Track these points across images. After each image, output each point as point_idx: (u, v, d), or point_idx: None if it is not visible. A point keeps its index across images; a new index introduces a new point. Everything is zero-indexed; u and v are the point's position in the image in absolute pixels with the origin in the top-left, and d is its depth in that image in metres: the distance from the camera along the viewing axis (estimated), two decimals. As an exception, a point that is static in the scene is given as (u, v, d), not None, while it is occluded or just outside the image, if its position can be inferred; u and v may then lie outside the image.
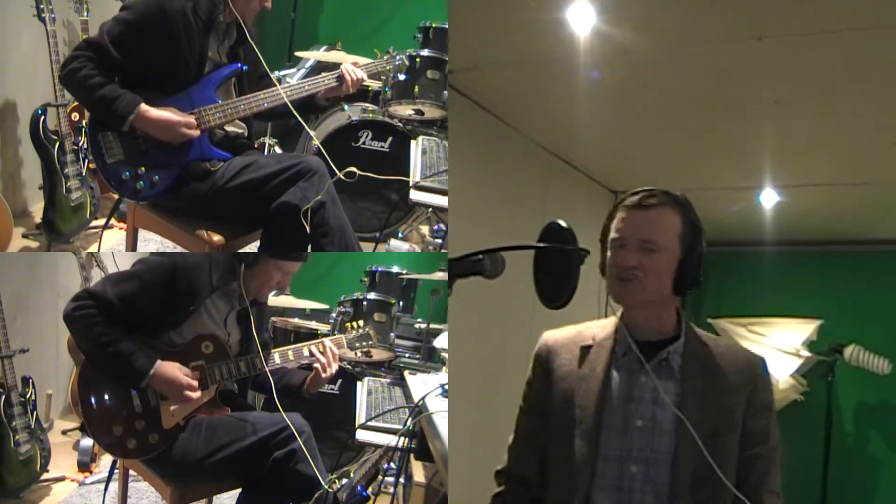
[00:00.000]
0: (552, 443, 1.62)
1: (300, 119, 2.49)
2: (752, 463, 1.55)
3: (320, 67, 3.77)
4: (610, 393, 1.57)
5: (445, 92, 3.44)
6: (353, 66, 2.55)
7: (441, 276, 3.60)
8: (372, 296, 3.64)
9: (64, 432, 3.75)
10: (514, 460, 1.72)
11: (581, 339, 1.66)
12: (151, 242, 3.30)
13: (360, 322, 2.75)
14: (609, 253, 1.59)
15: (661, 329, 1.60)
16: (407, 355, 3.60)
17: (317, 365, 2.50)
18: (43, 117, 3.18)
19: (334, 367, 2.53)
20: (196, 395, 2.29)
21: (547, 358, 1.68)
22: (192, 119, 2.31)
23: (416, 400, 2.63)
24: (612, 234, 1.59)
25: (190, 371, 2.29)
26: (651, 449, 1.53)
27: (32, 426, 3.12)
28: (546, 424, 1.64)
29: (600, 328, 1.67)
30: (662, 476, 1.51)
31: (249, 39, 2.47)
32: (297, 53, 4.01)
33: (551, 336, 1.71)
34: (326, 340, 2.56)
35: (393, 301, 3.64)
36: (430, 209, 3.33)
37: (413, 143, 3.35)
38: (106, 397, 2.28)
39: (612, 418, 1.56)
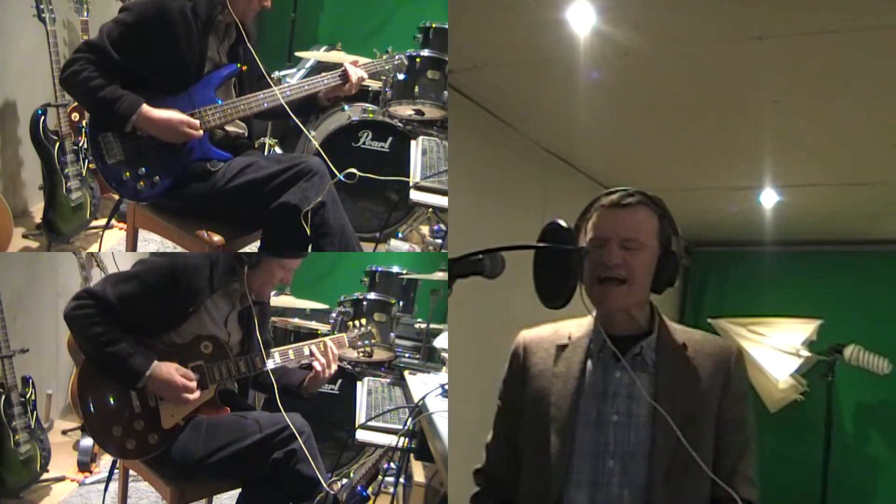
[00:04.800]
0: (527, 441, 1.63)
1: (297, 121, 2.50)
2: (725, 451, 1.55)
3: (320, 67, 3.77)
4: (585, 389, 1.58)
5: (445, 92, 3.44)
6: (354, 66, 2.56)
7: (441, 276, 3.60)
8: (372, 296, 3.64)
9: (64, 432, 3.75)
10: (491, 461, 1.73)
11: (558, 337, 1.66)
12: (151, 242, 3.30)
13: (363, 321, 2.75)
14: (589, 255, 1.58)
15: (634, 324, 1.60)
16: (407, 355, 3.60)
17: (316, 365, 2.50)
18: (43, 117, 3.18)
19: (334, 368, 2.53)
20: (193, 397, 2.28)
21: (523, 357, 1.68)
22: (194, 119, 2.31)
23: (416, 400, 2.63)
24: (590, 234, 1.58)
25: (188, 372, 2.29)
26: (627, 443, 1.54)
27: (32, 426, 3.12)
28: (520, 424, 1.64)
29: (576, 326, 1.67)
30: (639, 469, 1.52)
31: (247, 42, 2.47)
32: (297, 53, 4.02)
33: (528, 335, 1.71)
34: (327, 340, 2.56)
35: (393, 301, 3.64)
36: (430, 209, 3.34)
37: (413, 143, 3.36)
38: (106, 398, 2.28)
39: (587, 414, 1.56)
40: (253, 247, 2.60)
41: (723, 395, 1.56)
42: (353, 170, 2.39)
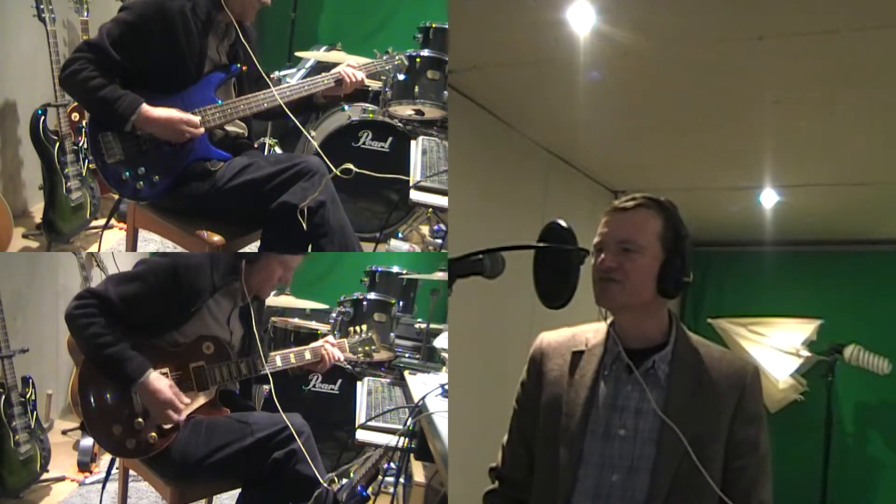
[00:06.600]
0: (538, 446, 1.64)
1: (297, 122, 2.50)
2: (739, 473, 1.53)
3: (320, 67, 3.77)
4: (596, 400, 1.58)
5: (445, 92, 3.44)
6: (352, 68, 2.55)
7: (441, 276, 3.60)
8: (372, 296, 3.64)
9: (64, 432, 3.75)
10: (506, 461, 1.74)
11: (574, 343, 1.67)
12: (151, 242, 3.30)
13: (364, 326, 2.76)
14: (593, 258, 1.60)
15: (649, 335, 1.59)
16: (407, 355, 3.60)
17: (323, 352, 2.53)
18: (43, 117, 3.18)
19: (330, 364, 2.56)
20: (177, 418, 2.26)
21: (540, 361, 1.68)
22: (194, 117, 2.31)
23: (416, 400, 2.63)
24: (595, 239, 1.60)
25: (181, 392, 2.28)
26: (632, 458, 1.53)
27: (32, 426, 3.12)
28: (535, 426, 1.65)
29: (594, 332, 1.66)
30: (641, 485, 1.52)
31: (245, 43, 2.46)
32: (297, 53, 4.02)
33: (547, 338, 1.72)
34: (328, 345, 2.57)
35: (393, 301, 3.64)
36: (430, 209, 3.34)
37: (413, 143, 3.35)
38: (106, 397, 2.28)
39: (595, 426, 1.56)
40: (253, 247, 2.61)
41: (735, 416, 1.54)
42: (350, 165, 2.39)
